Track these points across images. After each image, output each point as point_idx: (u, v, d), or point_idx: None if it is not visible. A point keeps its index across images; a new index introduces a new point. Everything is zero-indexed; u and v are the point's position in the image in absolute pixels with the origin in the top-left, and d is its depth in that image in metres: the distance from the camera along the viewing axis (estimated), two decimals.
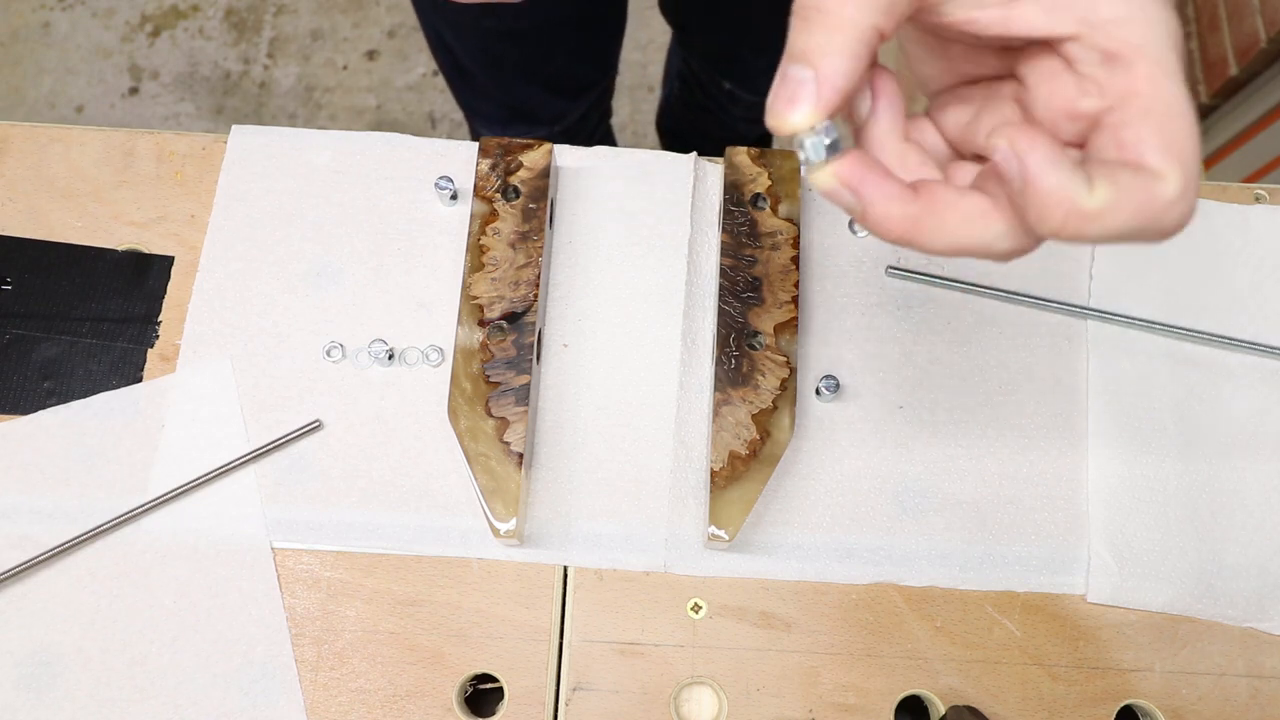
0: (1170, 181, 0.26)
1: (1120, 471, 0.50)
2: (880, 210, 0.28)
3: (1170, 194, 0.26)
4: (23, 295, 0.52)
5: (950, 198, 0.28)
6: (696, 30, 0.97)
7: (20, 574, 0.46)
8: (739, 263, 0.50)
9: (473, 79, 0.89)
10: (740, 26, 0.89)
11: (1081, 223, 0.26)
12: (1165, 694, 0.47)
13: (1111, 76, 0.27)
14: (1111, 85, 0.27)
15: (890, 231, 0.28)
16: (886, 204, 0.28)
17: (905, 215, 0.28)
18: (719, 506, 0.45)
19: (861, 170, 0.28)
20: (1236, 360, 0.52)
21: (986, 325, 0.53)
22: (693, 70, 1.06)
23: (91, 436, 0.49)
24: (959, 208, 0.28)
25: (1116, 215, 0.26)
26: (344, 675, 0.45)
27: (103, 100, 1.57)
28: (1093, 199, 0.26)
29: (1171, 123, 0.27)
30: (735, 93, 1.02)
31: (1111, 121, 0.27)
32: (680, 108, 1.19)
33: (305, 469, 0.49)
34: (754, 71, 0.97)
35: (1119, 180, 0.26)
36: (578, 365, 0.51)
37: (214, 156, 0.55)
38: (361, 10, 1.63)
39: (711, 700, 0.46)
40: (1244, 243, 0.55)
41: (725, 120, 1.09)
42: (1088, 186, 0.26)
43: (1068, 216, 0.26)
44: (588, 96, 0.96)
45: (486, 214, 0.50)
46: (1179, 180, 0.26)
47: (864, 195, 0.28)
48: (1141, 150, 0.27)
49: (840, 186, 0.28)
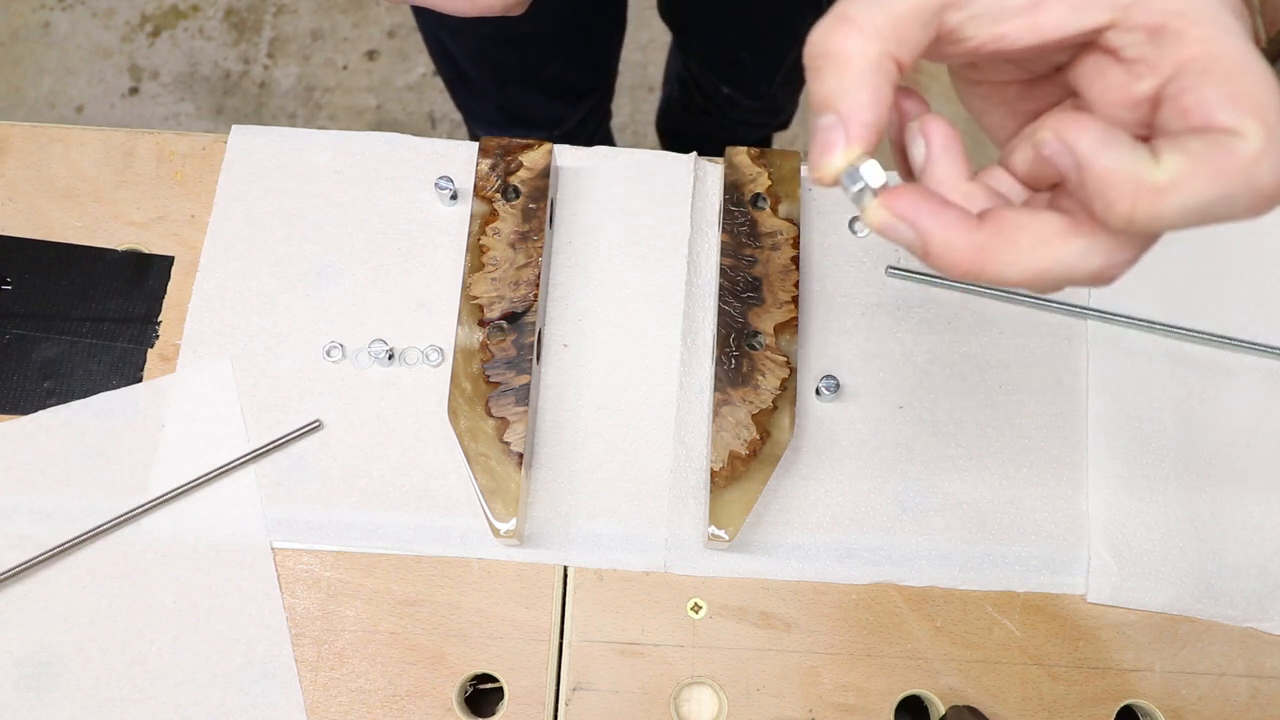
0: (1251, 137, 0.22)
1: (1120, 471, 0.50)
2: (941, 241, 0.25)
3: (1253, 149, 0.22)
4: (23, 295, 0.52)
5: (1020, 219, 0.25)
6: (695, 34, 0.97)
7: (20, 574, 0.46)
8: (739, 263, 0.50)
9: (472, 83, 0.89)
10: (739, 32, 0.89)
11: (1154, 200, 0.23)
12: (1165, 694, 0.47)
13: (1161, 51, 0.25)
14: (1163, 60, 0.25)
15: (958, 264, 0.25)
16: (947, 233, 0.25)
17: (971, 244, 0.25)
18: (719, 506, 0.45)
19: (915, 199, 0.25)
20: (1236, 360, 0.52)
21: (986, 325, 0.53)
22: (692, 74, 1.06)
23: (91, 436, 0.49)
24: (1031, 228, 0.25)
25: (1194, 185, 0.22)
26: (344, 675, 0.45)
27: (103, 100, 1.57)
28: (1161, 171, 0.23)
29: (1239, 76, 0.23)
30: (734, 97, 1.01)
31: (1171, 92, 0.24)
32: (680, 110, 1.19)
33: (305, 469, 0.49)
34: (753, 77, 0.97)
35: (1189, 147, 0.23)
36: (578, 365, 0.51)
37: (214, 156, 0.55)
38: (361, 10, 1.63)
39: (711, 700, 0.46)
40: (1244, 243, 0.55)
41: (725, 124, 1.09)
42: (1153, 160, 0.23)
43: (1137, 197, 0.23)
44: (587, 101, 0.96)
45: (486, 214, 0.50)
46: (1260, 133, 0.22)
47: (921, 226, 0.25)
48: (1209, 111, 0.23)
49: (895, 220, 0.25)
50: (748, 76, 0.97)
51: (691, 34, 0.97)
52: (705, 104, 1.08)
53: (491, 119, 0.95)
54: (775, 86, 0.98)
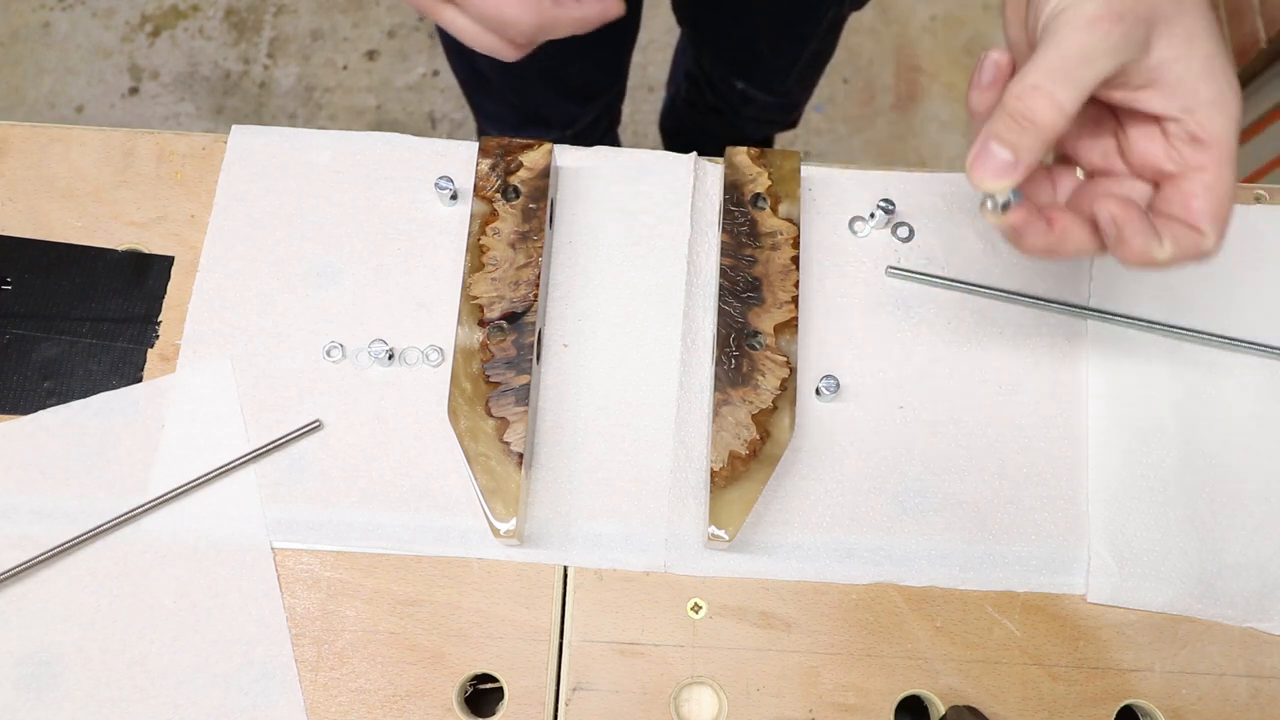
0: (1211, 241, 0.39)
1: (1120, 472, 0.50)
2: (1030, 242, 0.41)
3: (1209, 248, 0.39)
4: (23, 295, 0.52)
5: (1071, 227, 0.40)
6: (710, 27, 0.95)
7: (20, 574, 0.46)
8: (739, 263, 0.50)
9: (489, 84, 0.88)
10: (758, 22, 0.88)
11: (1147, 264, 0.39)
12: (1165, 694, 0.47)
13: (1192, 153, 0.39)
14: (1190, 159, 0.39)
15: (1034, 253, 0.41)
16: (1035, 239, 0.41)
17: (1047, 244, 0.41)
18: (719, 506, 0.45)
19: (1026, 218, 0.40)
20: (1236, 360, 0.52)
21: (986, 325, 0.53)
22: (703, 70, 1.04)
23: (91, 436, 0.49)
24: (1074, 233, 0.40)
25: (1172, 260, 0.39)
26: (344, 675, 0.45)
27: (103, 100, 1.57)
28: (1162, 252, 0.39)
29: (1223, 201, 0.39)
30: (748, 92, 1.00)
31: (1182, 189, 0.40)
32: (686, 109, 1.18)
33: (305, 469, 0.49)
34: (770, 70, 0.96)
35: (1180, 239, 0.39)
36: (578, 365, 0.51)
37: (214, 156, 0.55)
38: (361, 10, 1.63)
39: (711, 700, 0.46)
40: (1244, 243, 0.55)
41: (734, 121, 1.08)
42: (1160, 244, 0.39)
43: (1141, 260, 0.39)
44: (601, 101, 0.96)
45: (486, 214, 0.50)
46: (1217, 241, 0.39)
47: (1024, 235, 0.40)
48: (1199, 218, 0.39)
49: (1011, 229, 0.40)
50: (764, 69, 0.96)
51: (705, 27, 0.96)
52: (716, 101, 1.07)
53: (505, 119, 0.95)
54: (791, 80, 0.98)
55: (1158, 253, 0.39)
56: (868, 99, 1.61)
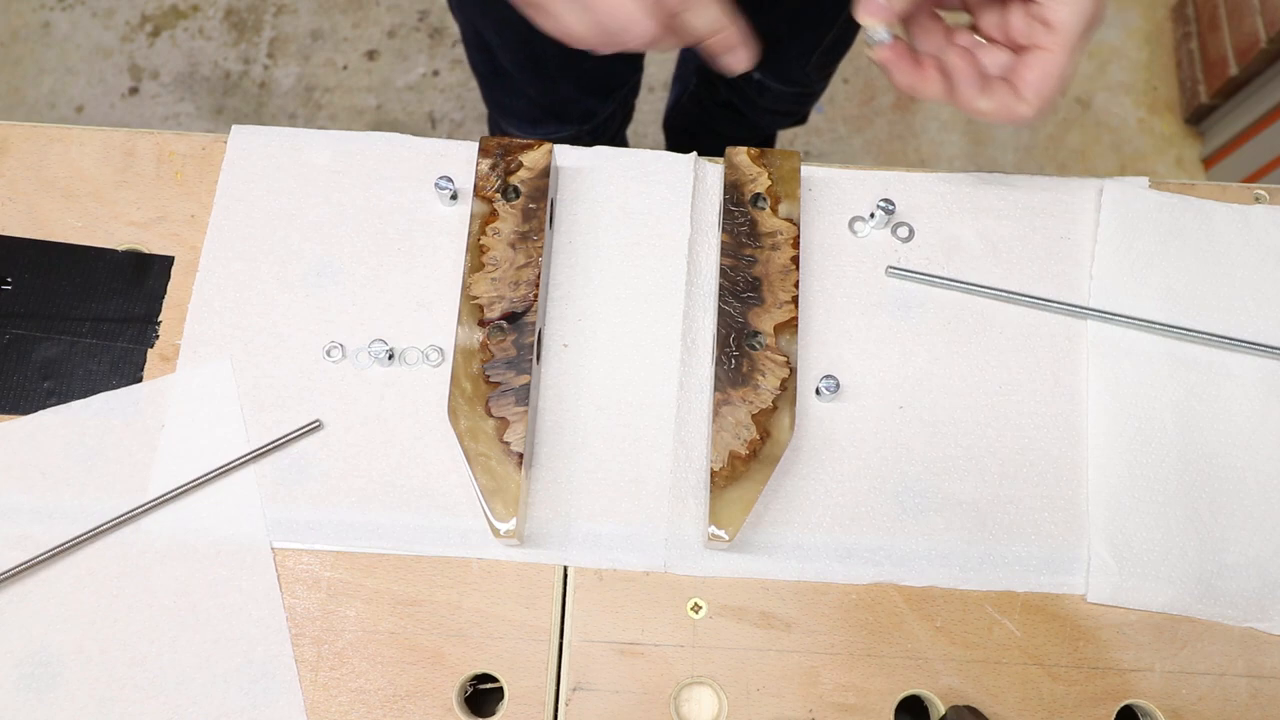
0: (1026, 108, 0.48)
1: (1120, 471, 0.50)
2: (897, 79, 0.49)
3: (1023, 113, 0.48)
4: (23, 295, 0.52)
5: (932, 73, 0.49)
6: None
7: (20, 574, 0.46)
8: (739, 263, 0.50)
9: (508, 77, 0.88)
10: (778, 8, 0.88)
11: (972, 112, 0.49)
12: (1165, 694, 0.47)
13: (1041, 33, 0.47)
14: (1037, 38, 0.47)
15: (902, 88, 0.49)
16: (900, 76, 0.49)
17: (910, 82, 0.49)
18: (719, 506, 0.45)
19: (893, 56, 0.48)
20: (1236, 360, 0.52)
21: (986, 325, 0.53)
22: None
23: (91, 436, 0.49)
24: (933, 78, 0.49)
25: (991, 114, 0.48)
26: (344, 675, 0.45)
27: (103, 100, 1.57)
28: (985, 104, 0.48)
29: (1050, 79, 0.47)
30: (765, 82, 0.99)
31: (1024, 61, 0.47)
32: (694, 105, 1.17)
33: (305, 469, 0.49)
34: (788, 57, 0.95)
35: (1001, 99, 0.48)
36: (578, 365, 0.51)
37: (214, 156, 0.55)
38: (361, 10, 1.63)
39: (711, 700, 0.46)
40: (1244, 243, 0.55)
41: (747, 115, 1.08)
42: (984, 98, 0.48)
43: (969, 107, 0.48)
44: (618, 95, 0.96)
45: (486, 214, 0.50)
46: (1035, 111, 0.48)
47: (891, 70, 0.49)
48: (1025, 88, 0.47)
49: (881, 63, 0.48)
50: (783, 56, 0.95)
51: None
52: (729, 94, 1.06)
53: (523, 114, 0.95)
54: (811, 66, 0.97)
55: (980, 104, 0.48)
56: (868, 99, 1.61)
